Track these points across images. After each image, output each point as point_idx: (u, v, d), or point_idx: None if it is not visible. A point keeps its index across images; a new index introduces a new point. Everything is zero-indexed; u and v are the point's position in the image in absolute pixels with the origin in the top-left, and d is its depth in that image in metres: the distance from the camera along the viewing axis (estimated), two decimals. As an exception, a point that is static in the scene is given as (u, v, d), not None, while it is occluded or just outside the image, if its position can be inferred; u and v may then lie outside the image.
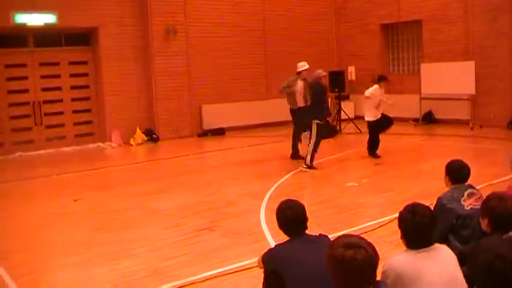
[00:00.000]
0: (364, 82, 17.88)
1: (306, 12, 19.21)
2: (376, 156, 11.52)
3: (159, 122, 16.17)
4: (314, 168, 10.64)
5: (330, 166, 11.09)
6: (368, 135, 11.79)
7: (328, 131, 11.40)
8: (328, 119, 11.87)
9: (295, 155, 11.78)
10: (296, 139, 11.96)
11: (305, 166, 10.66)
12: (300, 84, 11.79)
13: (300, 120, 11.74)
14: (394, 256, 3.42)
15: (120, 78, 15.61)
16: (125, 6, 15.60)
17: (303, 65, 11.90)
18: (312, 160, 10.67)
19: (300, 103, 11.80)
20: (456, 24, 16.46)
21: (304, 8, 19.17)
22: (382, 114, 11.62)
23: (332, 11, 20.04)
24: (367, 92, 11.59)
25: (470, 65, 15.59)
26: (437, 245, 3.41)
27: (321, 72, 11.05)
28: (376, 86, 11.65)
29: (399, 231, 3.47)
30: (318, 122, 10.75)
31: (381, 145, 11.71)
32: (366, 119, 11.75)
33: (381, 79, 11.81)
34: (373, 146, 11.67)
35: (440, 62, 16.55)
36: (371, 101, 11.54)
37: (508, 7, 15.16)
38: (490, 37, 15.64)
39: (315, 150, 10.71)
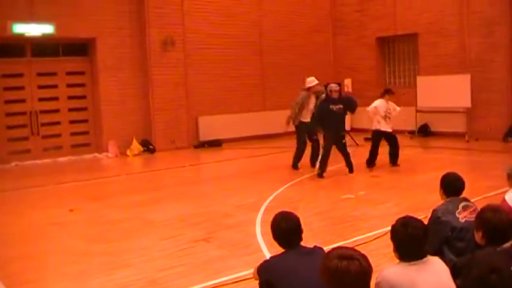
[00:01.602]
0: (361, 95, 18.00)
1: (303, 24, 19.30)
2: (371, 167, 11.62)
3: (155, 133, 16.18)
4: (322, 177, 10.96)
5: (327, 178, 11.10)
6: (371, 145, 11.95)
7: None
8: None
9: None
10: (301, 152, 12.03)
11: (315, 173, 11.10)
12: (312, 100, 11.92)
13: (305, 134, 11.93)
14: (387, 268, 3.44)
15: (117, 89, 15.64)
16: (123, 17, 15.67)
17: (312, 81, 12.04)
18: (322, 170, 11.02)
19: (306, 118, 11.91)
20: (452, 37, 16.57)
21: (301, 20, 19.27)
22: (391, 133, 11.78)
23: (329, 24, 20.15)
24: (368, 108, 11.77)
25: (466, 78, 15.67)
26: (429, 257, 3.43)
27: (332, 86, 11.36)
28: (379, 100, 11.85)
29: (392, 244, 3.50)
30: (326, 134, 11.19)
31: (377, 157, 11.76)
32: (374, 128, 11.90)
33: (385, 92, 12.03)
34: (371, 157, 11.74)
35: (436, 75, 16.64)
36: (374, 114, 11.72)
37: (504, 20, 15.28)
38: (485, 50, 15.74)
39: (323, 161, 11.02)
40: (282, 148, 11.96)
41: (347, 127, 17.29)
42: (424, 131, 17.21)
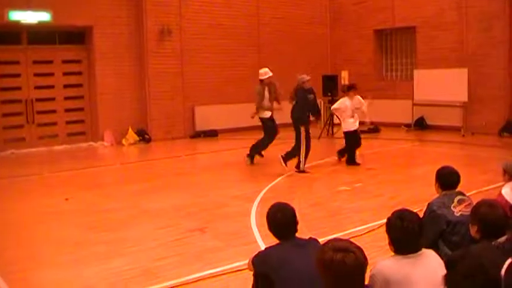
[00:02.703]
0: (358, 87, 17.98)
1: (300, 15, 19.25)
2: (355, 164, 11.43)
3: (151, 122, 16.16)
4: (305, 172, 10.71)
5: (322, 170, 11.13)
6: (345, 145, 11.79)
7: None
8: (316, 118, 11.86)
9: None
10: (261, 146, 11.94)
11: (296, 170, 10.73)
12: (266, 92, 11.87)
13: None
14: (382, 261, 3.45)
15: (113, 78, 15.60)
16: (120, 6, 15.60)
17: (264, 73, 12.02)
18: (303, 165, 10.75)
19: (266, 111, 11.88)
20: (450, 31, 16.55)
21: (299, 12, 19.22)
22: (357, 131, 11.67)
23: (327, 16, 20.11)
24: (332, 107, 11.73)
25: (463, 73, 15.67)
26: (424, 251, 3.45)
27: (304, 76, 11.08)
28: (343, 98, 11.79)
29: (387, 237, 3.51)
30: (304, 127, 10.83)
31: (372, 150, 11.74)
32: (343, 130, 11.77)
33: (349, 89, 11.89)
34: (350, 155, 11.56)
35: (433, 69, 16.64)
36: (342, 112, 11.64)
37: (503, 15, 15.27)
38: (483, 45, 15.74)
39: (305, 156, 10.77)
40: (278, 139, 11.93)
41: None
42: (420, 125, 17.23)
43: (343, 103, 11.63)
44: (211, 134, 16.79)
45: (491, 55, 15.60)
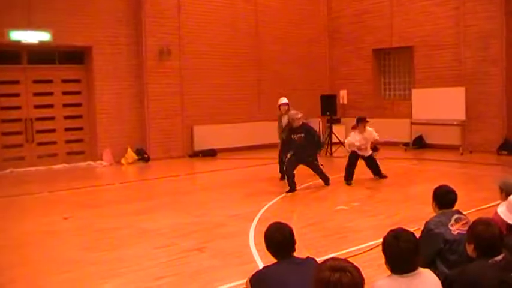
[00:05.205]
0: (356, 106, 18.10)
1: (299, 35, 19.38)
2: (349, 183, 11.49)
3: (150, 141, 16.19)
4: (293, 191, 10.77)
5: (320, 189, 11.12)
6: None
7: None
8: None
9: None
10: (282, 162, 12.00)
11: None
12: (284, 119, 12.07)
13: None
14: (379, 280, 3.45)
15: (112, 97, 15.66)
16: (120, 26, 15.71)
17: (280, 100, 12.51)
18: (291, 188, 10.81)
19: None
20: (448, 50, 16.67)
21: (298, 32, 19.35)
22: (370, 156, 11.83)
23: (326, 35, 20.24)
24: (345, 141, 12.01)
25: (461, 91, 15.77)
26: (421, 270, 3.44)
27: (293, 113, 11.23)
28: (352, 133, 11.88)
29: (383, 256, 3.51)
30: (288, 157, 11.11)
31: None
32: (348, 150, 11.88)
33: (357, 122, 11.85)
34: (348, 172, 11.59)
35: (431, 88, 16.72)
36: (351, 145, 11.70)
37: (499, 34, 15.38)
38: (481, 64, 15.85)
39: (290, 180, 10.84)
40: (277, 159, 11.96)
41: (341, 138, 17.34)
42: (419, 143, 17.27)
43: (352, 138, 11.70)
44: (210, 153, 16.80)
45: (488, 74, 15.70)
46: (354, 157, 11.64)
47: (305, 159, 11.12)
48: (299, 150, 11.03)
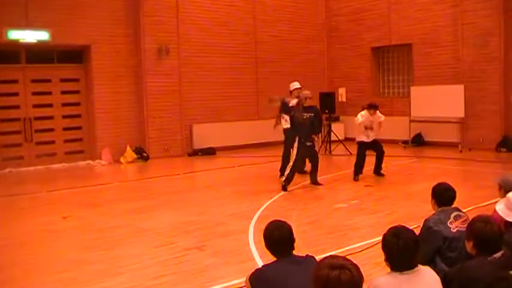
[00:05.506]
0: (355, 104, 18.08)
1: (298, 33, 19.39)
2: (356, 179, 11.61)
3: (149, 140, 16.18)
4: (285, 190, 10.72)
5: (319, 187, 11.12)
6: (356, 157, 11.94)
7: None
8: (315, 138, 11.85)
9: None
10: (285, 160, 11.95)
11: (283, 183, 10.79)
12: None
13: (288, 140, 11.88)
14: (378, 277, 3.45)
15: (111, 96, 15.64)
16: (118, 25, 15.70)
17: (293, 85, 12.12)
18: (288, 181, 10.79)
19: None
20: (446, 48, 16.68)
21: (297, 30, 19.35)
22: (375, 140, 11.81)
23: (324, 33, 20.24)
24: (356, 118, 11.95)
25: (459, 89, 15.78)
26: (421, 267, 3.45)
27: (307, 93, 11.32)
28: (364, 111, 11.93)
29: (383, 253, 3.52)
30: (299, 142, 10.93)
31: (370, 167, 11.77)
32: (357, 140, 11.97)
33: (369, 107, 11.96)
34: (356, 169, 11.72)
35: (430, 85, 16.73)
36: (360, 123, 11.77)
37: (498, 32, 15.39)
38: (479, 61, 15.85)
39: (291, 172, 10.80)
40: (275, 157, 11.97)
41: (340, 136, 17.38)
42: (418, 141, 17.28)
43: (361, 115, 11.81)
44: (209, 151, 16.80)
45: (487, 71, 15.71)
46: (362, 147, 11.76)
47: (309, 150, 11.12)
48: (304, 132, 11.04)
